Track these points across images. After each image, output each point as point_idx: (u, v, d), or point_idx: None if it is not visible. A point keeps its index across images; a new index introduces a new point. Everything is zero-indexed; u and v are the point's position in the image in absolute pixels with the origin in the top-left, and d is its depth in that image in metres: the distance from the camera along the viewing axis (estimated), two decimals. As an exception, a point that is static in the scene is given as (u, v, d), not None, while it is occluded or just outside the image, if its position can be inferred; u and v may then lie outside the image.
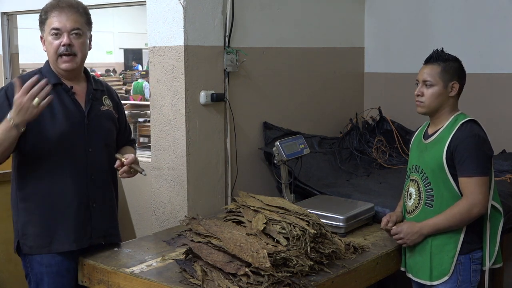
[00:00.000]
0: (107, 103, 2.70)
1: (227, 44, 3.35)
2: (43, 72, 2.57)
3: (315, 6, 4.14)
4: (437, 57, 2.64)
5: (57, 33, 2.50)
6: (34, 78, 2.31)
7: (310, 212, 2.55)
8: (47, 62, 2.60)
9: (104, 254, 2.64)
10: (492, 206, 2.61)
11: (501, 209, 2.65)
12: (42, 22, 2.55)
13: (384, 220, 2.77)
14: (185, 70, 3.11)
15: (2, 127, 2.33)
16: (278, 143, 3.31)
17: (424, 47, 2.79)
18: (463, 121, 2.60)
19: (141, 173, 2.63)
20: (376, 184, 3.63)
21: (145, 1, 3.27)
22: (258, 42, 3.65)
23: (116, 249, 2.72)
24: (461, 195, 2.56)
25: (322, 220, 2.60)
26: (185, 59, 3.10)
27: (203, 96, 3.20)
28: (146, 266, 2.50)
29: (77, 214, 2.55)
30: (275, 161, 3.36)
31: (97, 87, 2.68)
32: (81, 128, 2.56)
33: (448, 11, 4.27)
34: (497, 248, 2.64)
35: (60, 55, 2.51)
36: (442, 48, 2.69)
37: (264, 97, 3.75)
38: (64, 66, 2.53)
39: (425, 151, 2.68)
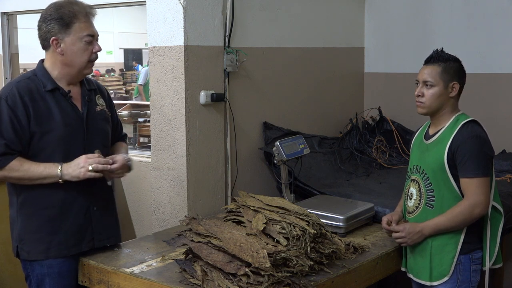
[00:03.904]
0: (100, 103, 2.67)
1: (227, 44, 3.35)
2: (39, 76, 2.52)
3: (315, 6, 4.15)
4: (438, 57, 2.63)
5: (91, 40, 2.50)
6: (108, 161, 2.47)
7: (310, 212, 2.55)
8: (42, 66, 2.55)
9: (104, 254, 2.63)
10: (493, 206, 2.61)
11: (501, 209, 2.65)
12: (67, 26, 2.47)
13: (384, 219, 2.76)
14: (185, 70, 3.11)
15: (47, 172, 2.42)
16: (278, 143, 3.31)
17: (424, 47, 2.79)
18: (464, 121, 2.60)
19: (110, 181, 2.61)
20: (376, 184, 3.63)
21: (145, 1, 3.27)
22: (258, 42, 3.65)
23: (116, 249, 2.72)
24: (462, 195, 2.56)
25: (322, 220, 2.60)
26: (185, 59, 3.10)
27: (203, 96, 3.20)
28: (146, 266, 2.50)
29: (76, 219, 2.54)
30: (275, 161, 3.36)
31: (90, 87, 2.65)
32: (80, 132, 2.54)
33: (448, 11, 4.27)
34: (497, 248, 2.64)
35: (90, 61, 2.53)
36: (442, 48, 2.68)
37: (264, 97, 3.75)
38: (88, 71, 2.58)
39: (426, 151, 2.67)
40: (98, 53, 2.55)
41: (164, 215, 3.27)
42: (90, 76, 2.75)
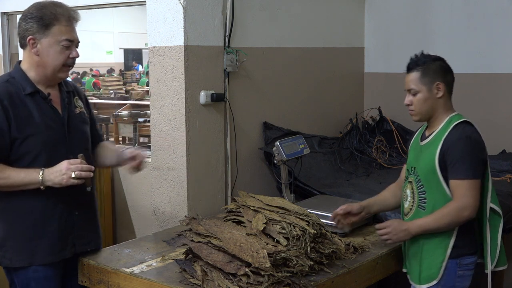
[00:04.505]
0: (78, 105, 2.62)
1: (227, 44, 3.35)
2: (17, 79, 2.46)
3: (315, 6, 4.15)
4: (415, 63, 2.61)
5: (69, 45, 2.45)
6: (91, 168, 2.39)
7: (310, 212, 2.55)
8: (19, 68, 2.49)
9: (104, 254, 2.64)
10: (491, 208, 2.57)
11: (500, 211, 2.62)
12: (46, 27, 2.41)
13: (343, 206, 2.76)
14: (185, 70, 3.11)
15: (29, 179, 2.35)
16: (278, 143, 3.31)
17: (424, 47, 2.77)
18: (456, 122, 2.55)
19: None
20: (376, 184, 3.63)
21: (145, 1, 3.27)
22: (258, 42, 3.65)
23: (116, 249, 2.72)
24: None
25: (322, 220, 2.60)
26: (185, 59, 3.10)
27: (203, 96, 3.20)
28: (146, 266, 2.50)
29: (59, 224, 2.48)
30: (275, 161, 3.36)
31: (68, 89, 2.60)
32: (62, 135, 2.49)
33: (448, 11, 4.27)
34: (498, 250, 2.61)
35: (65, 66, 2.47)
36: (422, 51, 2.65)
37: (264, 97, 3.75)
38: (64, 75, 2.51)
39: (420, 153, 2.65)
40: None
41: (164, 215, 3.27)
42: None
